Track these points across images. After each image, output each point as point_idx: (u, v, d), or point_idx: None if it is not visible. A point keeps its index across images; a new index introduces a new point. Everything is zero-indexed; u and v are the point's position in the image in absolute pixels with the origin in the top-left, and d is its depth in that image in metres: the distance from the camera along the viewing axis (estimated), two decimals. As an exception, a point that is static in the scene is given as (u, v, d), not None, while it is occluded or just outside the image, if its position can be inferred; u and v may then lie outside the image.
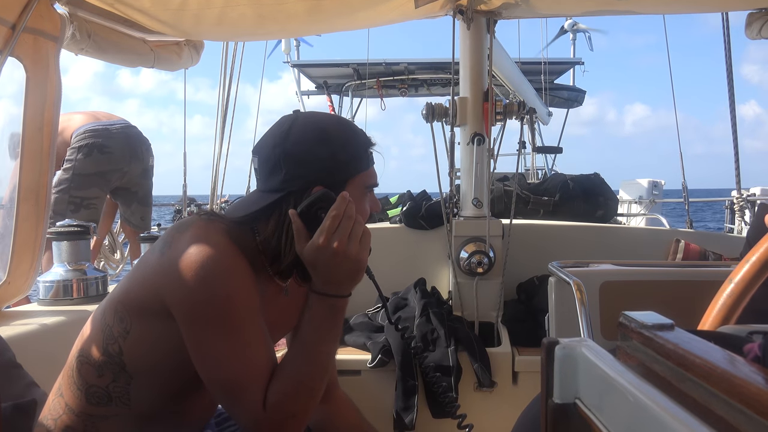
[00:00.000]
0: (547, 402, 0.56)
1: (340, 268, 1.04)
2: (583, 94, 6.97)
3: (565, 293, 1.57)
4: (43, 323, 1.74)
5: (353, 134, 1.15)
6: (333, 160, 1.10)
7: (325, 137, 1.10)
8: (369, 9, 2.29)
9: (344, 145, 1.12)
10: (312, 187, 1.08)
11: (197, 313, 1.01)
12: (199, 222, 1.08)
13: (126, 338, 1.08)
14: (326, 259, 1.03)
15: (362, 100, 6.77)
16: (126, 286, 1.12)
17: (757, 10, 2.47)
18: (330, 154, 1.09)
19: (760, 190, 5.50)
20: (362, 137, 1.16)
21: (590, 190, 3.09)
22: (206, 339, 1.01)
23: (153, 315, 1.06)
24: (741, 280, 0.84)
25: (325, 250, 1.02)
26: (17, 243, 1.81)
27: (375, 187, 1.17)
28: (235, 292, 1.02)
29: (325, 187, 1.07)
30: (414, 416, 1.95)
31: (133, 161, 3.47)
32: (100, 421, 1.10)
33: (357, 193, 1.12)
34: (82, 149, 3.32)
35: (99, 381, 1.09)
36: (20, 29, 1.67)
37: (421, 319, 2.15)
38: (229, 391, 1.02)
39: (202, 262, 1.00)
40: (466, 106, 2.41)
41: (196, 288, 0.99)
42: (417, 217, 2.66)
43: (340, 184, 1.10)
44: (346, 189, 1.10)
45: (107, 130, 3.37)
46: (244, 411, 1.02)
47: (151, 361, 1.09)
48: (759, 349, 0.62)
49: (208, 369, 1.03)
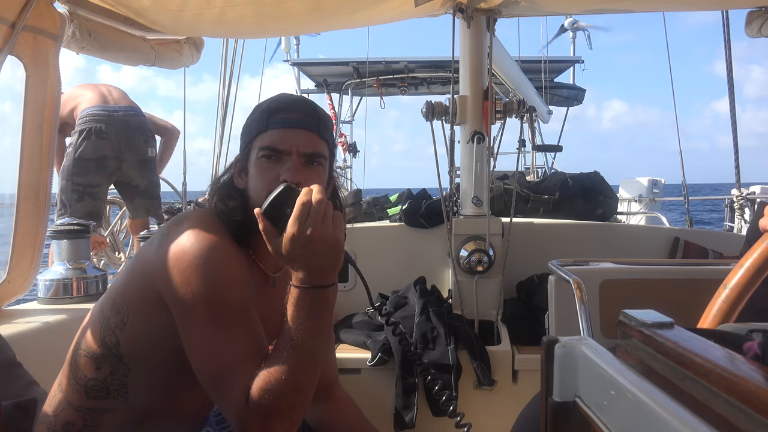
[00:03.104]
0: (546, 400, 0.56)
1: (320, 254, 1.00)
2: (583, 92, 6.96)
3: (565, 292, 1.57)
4: (43, 322, 1.75)
5: (262, 103, 1.15)
6: (243, 129, 1.15)
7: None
8: (369, 7, 2.29)
9: (251, 112, 1.15)
10: (236, 156, 1.14)
11: (189, 303, 1.01)
12: (195, 214, 1.11)
13: (123, 329, 1.09)
14: (303, 248, 0.99)
15: (362, 98, 6.76)
16: (124, 279, 1.13)
17: (757, 8, 2.47)
18: (244, 125, 1.15)
19: (760, 188, 5.49)
20: (270, 102, 1.13)
21: (590, 188, 3.09)
22: (197, 329, 1.02)
23: (150, 307, 1.07)
24: (735, 285, 0.84)
25: (301, 239, 0.98)
26: (17, 242, 1.81)
27: (276, 153, 1.09)
28: (227, 282, 1.03)
29: (241, 155, 1.13)
30: (414, 414, 1.96)
31: (127, 150, 3.42)
32: (99, 415, 1.11)
33: (253, 158, 1.11)
34: (82, 133, 3.32)
35: (97, 374, 1.10)
36: (20, 28, 1.67)
37: (420, 317, 2.15)
38: (216, 382, 1.02)
39: (195, 253, 1.02)
40: (466, 104, 2.41)
41: (188, 278, 1.01)
42: (417, 215, 2.66)
43: (246, 152, 1.14)
44: (250, 156, 1.13)
45: (109, 116, 3.34)
46: (228, 403, 1.01)
47: (148, 352, 1.10)
48: (758, 348, 0.62)
49: (198, 359, 1.03)
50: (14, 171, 1.78)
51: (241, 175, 1.15)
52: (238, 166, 1.15)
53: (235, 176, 1.15)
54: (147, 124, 3.57)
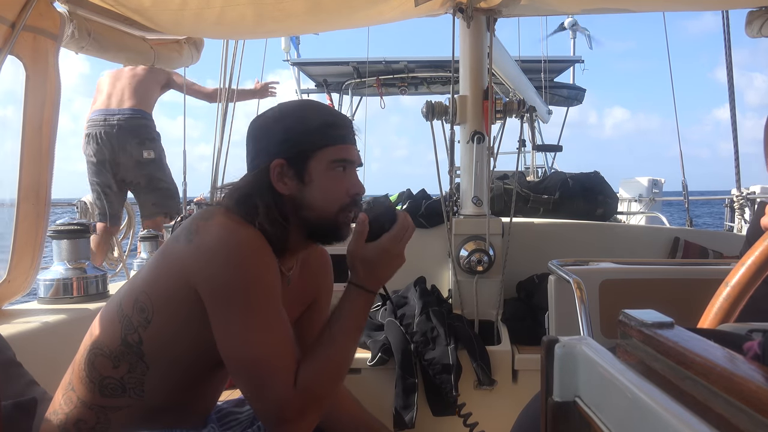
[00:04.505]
0: (546, 400, 0.56)
1: (392, 268, 1.17)
2: (583, 92, 6.95)
3: (565, 291, 1.57)
4: (43, 322, 1.75)
5: (312, 112, 1.20)
6: (290, 133, 1.15)
7: (286, 114, 1.18)
8: (369, 7, 2.29)
9: (300, 120, 1.17)
10: (273, 159, 1.14)
11: (228, 294, 1.04)
12: (222, 210, 1.13)
13: (147, 328, 1.10)
14: (386, 261, 1.15)
15: (362, 98, 6.76)
16: (149, 276, 1.14)
17: (758, 8, 2.47)
18: (288, 128, 1.15)
19: (760, 188, 5.49)
20: (329, 116, 1.20)
21: (590, 188, 3.09)
22: (236, 319, 1.04)
23: (179, 302, 1.08)
24: (737, 284, 0.83)
25: (391, 255, 1.15)
26: (17, 242, 1.81)
27: (349, 165, 1.19)
28: (265, 273, 1.07)
29: (286, 160, 1.14)
30: (414, 414, 1.96)
31: (121, 153, 3.64)
32: (112, 412, 1.12)
33: (321, 169, 1.16)
34: (87, 137, 3.65)
35: (114, 372, 1.11)
36: (20, 28, 1.67)
37: (420, 317, 2.15)
38: (256, 371, 1.04)
39: (234, 245, 1.04)
40: (466, 104, 2.41)
41: (228, 269, 1.04)
42: (417, 215, 2.66)
43: (301, 158, 1.15)
44: (309, 164, 1.15)
45: (105, 121, 3.59)
46: (272, 390, 1.04)
47: (170, 350, 1.12)
48: (759, 347, 0.62)
49: (236, 350, 1.05)
50: (14, 171, 1.78)
51: (284, 180, 1.15)
52: (280, 171, 1.15)
53: (275, 181, 1.15)
54: (145, 125, 3.70)
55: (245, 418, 1.34)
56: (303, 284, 1.29)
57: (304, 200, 1.16)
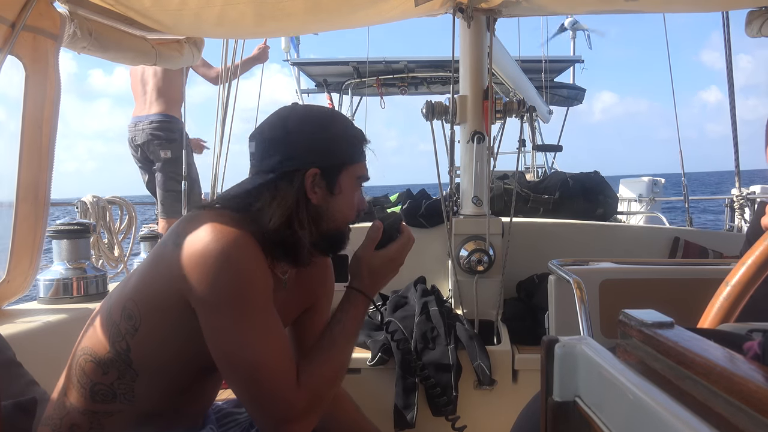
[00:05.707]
0: (546, 400, 0.56)
1: (390, 276, 1.23)
2: (583, 92, 6.95)
3: (565, 291, 1.57)
4: (43, 322, 1.75)
5: (350, 126, 1.21)
6: (328, 143, 1.14)
7: (322, 123, 1.16)
8: (369, 7, 2.29)
9: (341, 133, 1.17)
10: (306, 169, 1.12)
11: (220, 298, 1.01)
12: (208, 212, 1.10)
13: (134, 335, 1.08)
14: (388, 270, 1.21)
15: (362, 98, 6.75)
16: (137, 283, 1.12)
17: (758, 8, 2.47)
18: (326, 138, 1.14)
19: (760, 188, 5.48)
20: (358, 131, 1.21)
21: (590, 188, 3.09)
22: (230, 323, 1.02)
23: (167, 309, 1.06)
24: (737, 283, 0.83)
25: (395, 264, 1.22)
26: (16, 242, 1.81)
27: (365, 181, 1.23)
28: (256, 276, 1.04)
29: (321, 170, 1.13)
30: (414, 414, 1.96)
31: (150, 155, 3.95)
32: (104, 418, 1.11)
33: (349, 183, 1.17)
34: (128, 144, 4.03)
35: (104, 379, 1.10)
36: (20, 28, 1.67)
37: (420, 317, 2.15)
38: (255, 373, 1.03)
39: (221, 248, 1.01)
40: (466, 104, 2.41)
41: (217, 273, 1.00)
42: (417, 215, 2.66)
43: (334, 170, 1.15)
44: (340, 177, 1.15)
45: (135, 127, 3.93)
46: (274, 393, 1.03)
47: (158, 358, 1.10)
48: (759, 347, 0.62)
49: (232, 354, 1.03)
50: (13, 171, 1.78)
51: (314, 189, 1.14)
52: (313, 180, 1.13)
53: (309, 189, 1.13)
54: (165, 125, 3.90)
55: (244, 419, 1.33)
56: (301, 288, 1.28)
57: (328, 211, 1.16)
